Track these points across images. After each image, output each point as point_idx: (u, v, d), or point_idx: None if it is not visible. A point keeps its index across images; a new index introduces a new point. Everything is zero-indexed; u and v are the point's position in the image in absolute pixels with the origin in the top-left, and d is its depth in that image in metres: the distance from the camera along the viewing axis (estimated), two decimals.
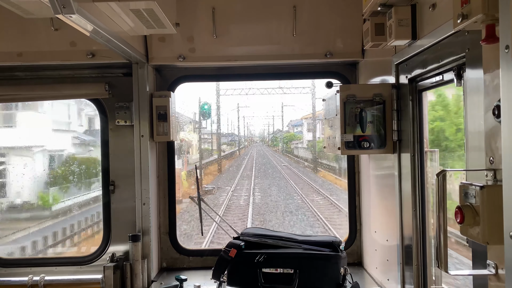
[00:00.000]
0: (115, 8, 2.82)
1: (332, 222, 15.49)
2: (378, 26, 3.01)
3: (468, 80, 2.18)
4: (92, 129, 16.27)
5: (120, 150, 4.07)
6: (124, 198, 4.06)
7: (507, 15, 1.54)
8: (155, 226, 4.16)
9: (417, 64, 2.82)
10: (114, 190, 4.09)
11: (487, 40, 1.74)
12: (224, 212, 17.24)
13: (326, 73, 4.31)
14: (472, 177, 2.02)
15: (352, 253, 4.29)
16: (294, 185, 25.19)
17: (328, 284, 3.38)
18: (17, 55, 3.84)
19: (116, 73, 4.09)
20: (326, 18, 3.94)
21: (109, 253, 4.01)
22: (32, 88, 4.08)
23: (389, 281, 3.46)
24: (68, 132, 15.74)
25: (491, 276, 1.86)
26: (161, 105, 3.99)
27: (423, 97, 3.00)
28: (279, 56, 4.03)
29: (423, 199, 2.96)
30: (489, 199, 1.74)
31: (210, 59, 4.06)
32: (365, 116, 3.33)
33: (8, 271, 4.13)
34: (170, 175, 4.41)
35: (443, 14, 2.38)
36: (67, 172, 13.90)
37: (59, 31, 3.79)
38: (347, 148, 3.36)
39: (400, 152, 3.18)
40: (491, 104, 1.80)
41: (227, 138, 53.91)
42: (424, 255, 2.96)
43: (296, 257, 3.45)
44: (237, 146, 57.44)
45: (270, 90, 41.53)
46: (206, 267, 4.05)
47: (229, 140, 55.10)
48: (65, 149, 15.17)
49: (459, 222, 1.84)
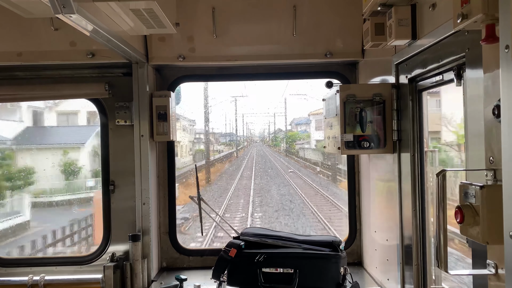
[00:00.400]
0: (115, 8, 2.82)
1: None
2: (378, 26, 3.01)
3: (468, 80, 2.18)
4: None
5: (120, 150, 4.07)
6: (124, 198, 4.06)
7: (507, 15, 1.54)
8: (155, 226, 4.16)
9: (417, 64, 2.82)
10: (114, 190, 4.09)
11: (487, 40, 1.74)
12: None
13: (326, 73, 4.31)
14: (472, 177, 2.02)
15: (352, 253, 4.29)
16: (317, 212, 15.10)
17: (328, 284, 3.38)
18: (17, 55, 3.84)
19: (116, 73, 4.09)
20: (326, 18, 3.94)
21: (109, 253, 4.01)
22: (32, 88, 4.08)
23: (389, 281, 3.46)
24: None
25: (491, 276, 1.86)
26: (161, 105, 3.99)
27: (423, 97, 3.01)
28: (279, 56, 4.03)
29: (423, 199, 2.96)
30: (489, 198, 1.74)
31: (210, 59, 4.06)
32: (365, 116, 3.33)
33: (8, 270, 4.13)
34: (170, 175, 4.41)
35: (443, 14, 2.38)
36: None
37: (59, 31, 3.79)
38: (347, 148, 3.36)
39: (400, 152, 3.18)
40: (491, 104, 1.80)
41: (225, 138, 51.10)
42: (424, 255, 2.96)
43: (296, 257, 3.45)
44: (235, 146, 52.17)
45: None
46: (206, 267, 4.05)
47: (227, 140, 51.96)
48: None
49: (459, 222, 1.84)
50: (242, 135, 61.70)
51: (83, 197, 14.15)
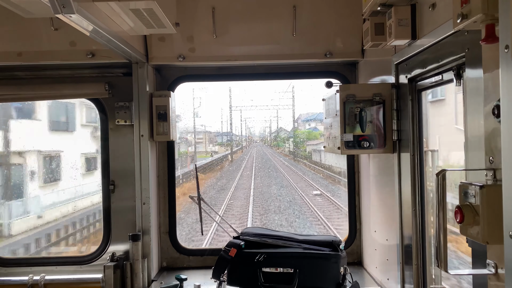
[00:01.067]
0: (115, 8, 2.82)
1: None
2: (378, 26, 3.01)
3: (467, 80, 2.18)
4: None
5: (120, 149, 4.08)
6: (124, 198, 4.06)
7: (507, 14, 1.55)
8: (155, 226, 4.16)
9: (416, 64, 2.82)
10: (114, 190, 4.09)
11: (486, 40, 1.74)
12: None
13: (326, 73, 4.31)
14: (472, 177, 2.02)
15: (352, 253, 4.29)
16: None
17: (328, 284, 3.39)
18: (17, 54, 3.84)
19: (116, 73, 4.09)
20: (326, 18, 3.94)
21: (109, 253, 4.01)
22: (32, 88, 4.08)
23: (389, 281, 3.46)
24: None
25: (491, 276, 1.87)
26: (161, 104, 3.99)
27: (423, 96, 3.01)
28: (279, 55, 4.03)
29: (422, 198, 2.96)
30: (489, 198, 1.74)
31: (210, 59, 4.06)
32: (364, 116, 3.33)
33: (8, 270, 4.13)
34: (170, 175, 4.41)
35: (443, 14, 2.38)
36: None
37: (59, 30, 3.79)
38: (347, 147, 3.36)
39: (400, 152, 3.19)
40: (491, 104, 1.80)
41: (221, 138, 44.46)
42: (424, 255, 2.97)
43: (296, 257, 3.45)
44: (230, 148, 41.28)
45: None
46: (206, 267, 4.05)
47: (225, 141, 42.24)
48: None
49: (459, 221, 1.84)
50: (240, 134, 53.56)
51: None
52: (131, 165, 3.97)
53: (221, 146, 41.82)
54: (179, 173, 19.89)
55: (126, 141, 4.03)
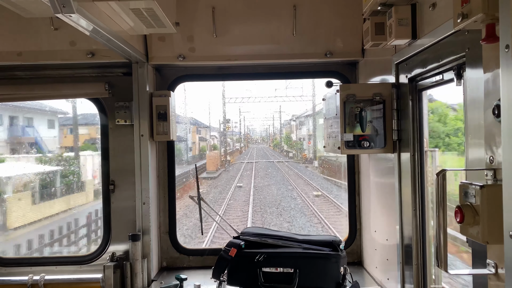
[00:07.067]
0: (115, 7, 2.82)
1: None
2: (378, 25, 3.01)
3: (468, 79, 2.18)
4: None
5: (120, 149, 4.08)
6: (124, 198, 4.06)
7: (507, 14, 1.54)
8: (155, 226, 4.16)
9: (417, 63, 2.82)
10: (114, 190, 4.09)
11: (487, 39, 1.74)
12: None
13: (326, 73, 4.31)
14: (472, 177, 2.02)
15: (352, 253, 4.29)
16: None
17: (328, 284, 3.38)
18: (17, 54, 3.84)
19: (116, 73, 4.09)
20: (326, 18, 3.94)
21: (109, 253, 4.01)
22: (32, 88, 4.08)
23: (389, 281, 3.46)
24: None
25: (491, 276, 1.86)
26: (161, 104, 3.99)
27: (423, 96, 3.01)
28: (279, 55, 4.03)
29: (423, 198, 2.96)
30: (489, 198, 1.74)
31: (210, 59, 4.05)
32: (365, 116, 3.33)
33: (8, 270, 4.13)
34: (170, 175, 4.41)
35: (443, 13, 2.38)
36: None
37: (59, 30, 3.79)
38: (347, 147, 3.36)
39: (400, 152, 3.18)
40: (491, 104, 1.80)
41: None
42: (424, 255, 2.96)
43: (296, 257, 3.45)
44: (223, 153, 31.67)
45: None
46: (206, 267, 4.05)
47: (211, 144, 34.36)
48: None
49: (459, 221, 1.84)
50: (238, 132, 43.06)
51: None
52: (131, 165, 3.97)
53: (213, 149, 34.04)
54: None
55: (126, 141, 4.03)
